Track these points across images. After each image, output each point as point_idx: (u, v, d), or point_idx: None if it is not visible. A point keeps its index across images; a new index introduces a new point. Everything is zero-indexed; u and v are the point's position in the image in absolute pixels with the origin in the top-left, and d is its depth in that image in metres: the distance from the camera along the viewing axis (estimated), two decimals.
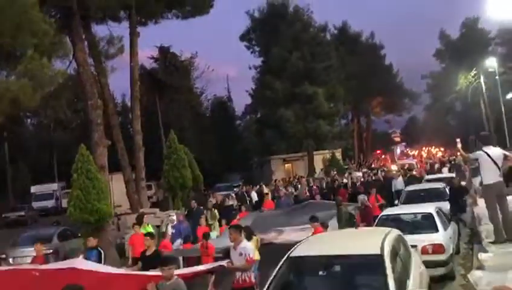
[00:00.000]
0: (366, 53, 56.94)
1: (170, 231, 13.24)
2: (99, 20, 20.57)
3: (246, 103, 50.11)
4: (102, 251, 9.52)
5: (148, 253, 8.19)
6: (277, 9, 43.10)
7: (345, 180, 23.06)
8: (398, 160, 40.29)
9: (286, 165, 42.94)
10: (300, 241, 6.76)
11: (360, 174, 27.25)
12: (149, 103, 38.06)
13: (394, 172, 22.01)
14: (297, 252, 5.95)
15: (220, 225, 14.79)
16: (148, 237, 8.45)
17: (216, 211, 16.17)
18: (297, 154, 42.33)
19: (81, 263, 6.95)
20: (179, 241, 12.53)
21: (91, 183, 13.76)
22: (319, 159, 41.35)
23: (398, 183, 18.89)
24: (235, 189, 29.25)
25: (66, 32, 16.97)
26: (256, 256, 8.46)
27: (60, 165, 39.49)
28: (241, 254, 6.79)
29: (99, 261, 8.86)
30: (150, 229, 12.23)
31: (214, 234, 12.98)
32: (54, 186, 37.90)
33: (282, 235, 10.56)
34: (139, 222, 12.26)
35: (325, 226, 9.41)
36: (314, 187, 22.13)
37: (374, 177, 22.91)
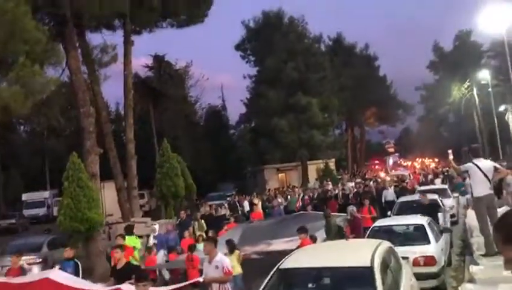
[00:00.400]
0: (360, 64, 57.26)
1: (152, 241, 12.82)
2: (93, 28, 20.54)
3: (240, 112, 50.24)
4: (79, 263, 9.31)
5: (118, 266, 7.75)
6: (272, 19, 43.36)
7: (336, 191, 22.66)
8: (390, 171, 39.85)
9: (280, 174, 42.93)
10: (290, 251, 6.73)
11: (352, 184, 27.02)
12: (142, 111, 38.00)
13: (387, 182, 21.82)
14: (286, 264, 5.89)
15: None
16: (118, 250, 7.97)
17: (203, 221, 15.89)
18: (291, 163, 42.36)
19: (55, 274, 6.85)
20: (162, 252, 12.15)
21: (82, 192, 13.67)
22: (312, 169, 41.38)
23: (389, 194, 18.74)
24: (228, 198, 29.16)
25: (59, 40, 16.91)
26: (238, 270, 8.31)
27: (52, 172, 39.23)
28: (217, 267, 6.70)
29: (76, 273, 8.62)
30: (137, 242, 11.59)
31: (201, 246, 12.64)
32: (46, 194, 37.58)
33: (271, 247, 10.39)
34: (128, 232, 11.72)
35: (313, 239, 9.17)
36: (306, 198, 21.98)
37: (365, 189, 22.24)
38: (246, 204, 22.24)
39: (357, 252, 6.03)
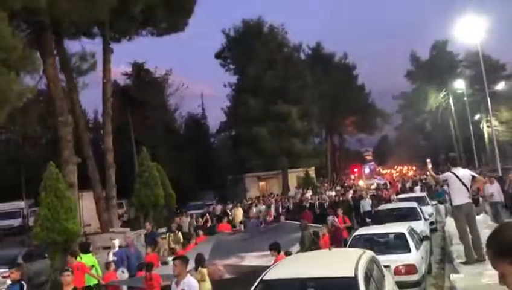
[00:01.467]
0: (339, 73, 57.92)
1: (111, 258, 11.71)
2: (71, 35, 20.26)
3: (220, 121, 50.16)
4: (24, 285, 8.99)
5: None
6: (252, 28, 43.55)
7: (311, 200, 22.00)
8: (366, 179, 39.50)
9: (260, 183, 42.92)
10: (263, 267, 6.60)
11: (333, 193, 27.02)
12: (121, 119, 37.50)
13: (363, 192, 21.73)
14: (270, 275, 5.84)
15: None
16: (69, 273, 7.43)
17: (180, 233, 15.08)
18: (271, 172, 42.40)
19: None
20: (120, 270, 11.15)
21: (59, 202, 13.38)
22: (293, 177, 41.50)
23: (366, 204, 18.73)
24: (208, 207, 28.92)
25: (36, 47, 16.62)
26: (207, 287, 7.99)
27: (28, 182, 38.32)
28: None
29: None
30: (94, 260, 10.72)
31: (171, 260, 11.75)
32: (21, 204, 36.65)
33: (243, 262, 9.91)
34: (84, 250, 10.86)
35: (287, 254, 8.58)
36: (282, 207, 21.93)
37: (341, 198, 21.88)
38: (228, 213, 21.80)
39: (341, 262, 6.02)
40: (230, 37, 44.98)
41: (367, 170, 48.90)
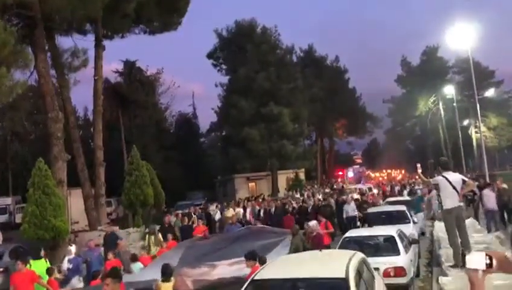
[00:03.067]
0: (330, 76, 58.11)
1: (66, 265, 10.84)
2: (63, 31, 20.11)
3: (211, 121, 50.09)
4: None
5: None
6: (245, 29, 43.53)
7: (294, 204, 20.63)
8: (349, 184, 37.86)
9: (250, 183, 42.90)
10: (236, 278, 6.50)
11: (320, 196, 26.35)
12: (112, 117, 37.30)
13: (348, 196, 19.92)
14: (261, 275, 5.85)
15: None
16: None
17: (160, 235, 13.85)
18: (261, 173, 42.41)
19: None
20: (75, 279, 10.51)
21: (48, 199, 13.29)
22: (282, 179, 41.56)
23: (350, 209, 17.35)
24: (197, 207, 28.80)
25: (28, 42, 16.48)
26: None
27: (15, 178, 37.93)
28: None
29: None
30: (45, 266, 10.07)
31: (137, 266, 10.75)
32: (8, 200, 36.24)
33: (215, 271, 9.13)
34: (35, 255, 10.19)
35: (261, 262, 7.88)
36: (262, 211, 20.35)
37: (324, 202, 20.00)
38: (218, 214, 20.83)
39: (332, 264, 6.04)
40: (223, 37, 44.93)
41: (350, 174, 47.18)
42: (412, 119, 63.67)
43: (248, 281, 5.79)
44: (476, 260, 2.16)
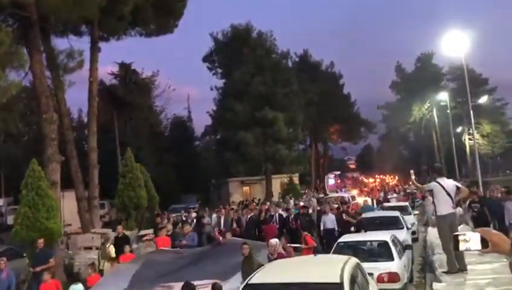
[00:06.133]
0: (325, 81, 58.30)
1: None
2: (59, 32, 20.03)
3: (206, 124, 50.05)
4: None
5: None
6: (240, 33, 43.62)
7: (273, 212, 17.86)
8: (329, 192, 34.44)
9: (244, 187, 42.87)
10: None
11: (314, 201, 25.61)
12: (106, 119, 37.19)
13: (326, 206, 17.09)
14: (255, 279, 5.84)
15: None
16: None
17: (111, 246, 12.18)
18: (255, 177, 42.41)
19: None
20: None
21: (41, 200, 13.19)
22: (276, 183, 41.54)
23: (329, 221, 15.16)
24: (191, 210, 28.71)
25: (23, 43, 16.39)
26: None
27: (8, 179, 37.67)
28: None
29: None
30: None
31: (78, 288, 9.64)
32: (0, 201, 36.03)
33: None
34: None
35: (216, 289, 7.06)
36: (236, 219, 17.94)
37: (301, 211, 17.14)
38: (208, 219, 18.90)
39: (327, 268, 6.04)
40: (219, 41, 44.99)
41: (331, 181, 41.09)
42: (406, 125, 63.92)
43: (243, 285, 5.78)
44: (472, 241, 2.18)
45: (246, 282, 5.84)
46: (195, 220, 18.48)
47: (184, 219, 19.22)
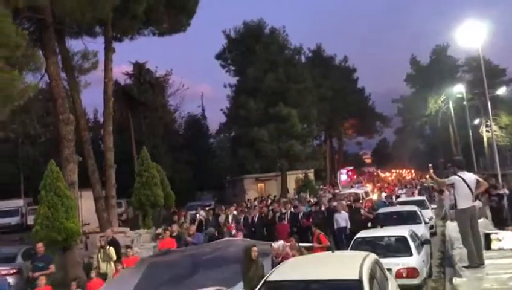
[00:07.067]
0: (339, 76, 58.00)
1: None
2: (73, 34, 20.23)
3: (220, 122, 50.16)
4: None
5: None
6: (253, 30, 43.55)
7: (284, 210, 17.23)
8: (342, 188, 33.52)
9: (259, 184, 42.91)
10: None
11: (330, 196, 24.46)
12: (122, 119, 37.49)
13: (338, 203, 16.30)
14: (274, 276, 5.84)
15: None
16: None
17: (111, 248, 12.07)
18: (270, 173, 42.41)
19: None
20: None
21: (59, 201, 13.35)
22: (292, 179, 41.50)
23: (341, 218, 14.74)
24: (206, 208, 28.85)
25: (39, 46, 16.61)
26: None
27: (27, 180, 38.27)
28: None
29: None
30: None
31: None
32: (19, 202, 36.59)
33: None
34: None
35: None
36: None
37: (315, 208, 16.76)
38: (222, 217, 18.25)
39: (345, 265, 6.02)
40: (231, 38, 44.98)
41: (343, 177, 38.66)
42: (421, 118, 63.26)
43: (261, 283, 5.78)
44: (505, 239, 2.14)
45: (264, 279, 5.84)
46: (210, 218, 18.40)
47: (200, 216, 19.13)
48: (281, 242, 8.94)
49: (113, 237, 13.73)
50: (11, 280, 12.46)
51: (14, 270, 13.15)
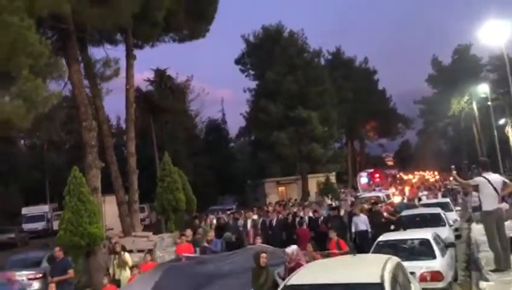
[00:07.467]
0: (359, 78, 57.57)
1: None
2: (95, 42, 20.61)
3: (240, 126, 50.34)
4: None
5: None
6: (271, 33, 43.65)
7: (302, 214, 16.90)
8: (362, 191, 32.29)
9: (280, 188, 42.82)
10: None
11: (352, 199, 24.49)
12: (143, 124, 37.98)
13: (357, 207, 16.01)
14: (294, 280, 5.80)
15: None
16: None
17: (127, 254, 11.90)
18: (291, 177, 42.29)
19: None
20: None
21: (83, 206, 13.55)
22: (313, 183, 41.29)
23: (361, 222, 14.34)
24: (227, 212, 28.91)
25: (61, 54, 16.96)
26: None
27: (52, 186, 39.09)
28: None
29: None
30: None
31: None
32: (45, 208, 37.39)
33: None
34: None
35: None
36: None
37: (333, 212, 16.27)
38: (249, 222, 17.47)
39: (366, 268, 5.93)
40: (250, 42, 45.16)
41: (363, 180, 37.71)
42: (444, 119, 62.25)
43: (281, 287, 5.75)
44: None
45: (284, 283, 5.81)
46: (231, 222, 18.38)
47: (222, 221, 19.06)
48: (294, 247, 8.63)
49: (116, 242, 13.59)
50: (36, 284, 12.68)
51: (40, 275, 13.37)
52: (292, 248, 8.49)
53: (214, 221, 19.64)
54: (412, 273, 7.61)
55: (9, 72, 12.07)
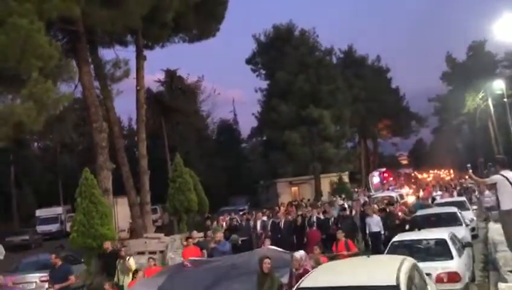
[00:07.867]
0: (372, 76, 57.06)
1: None
2: (105, 43, 20.67)
3: (252, 126, 50.24)
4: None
5: None
6: (282, 33, 43.49)
7: (310, 215, 16.23)
8: (374, 191, 31.52)
9: (292, 188, 42.58)
10: None
11: (365, 199, 23.79)
12: (155, 126, 38.07)
13: (370, 207, 15.48)
14: (306, 282, 5.63)
15: None
16: None
17: (131, 259, 11.38)
18: (303, 177, 42.02)
19: None
20: None
21: (95, 208, 13.56)
22: (326, 182, 40.97)
23: (374, 223, 14.05)
24: (240, 213, 28.78)
25: (72, 56, 17.03)
26: None
27: (65, 188, 39.37)
28: None
29: None
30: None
31: None
32: (59, 210, 37.64)
33: None
34: None
35: None
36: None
37: (344, 213, 16.14)
38: (258, 223, 16.82)
39: (382, 270, 5.74)
40: (261, 42, 45.04)
41: (375, 180, 36.71)
42: (459, 117, 61.42)
43: (294, 289, 5.59)
44: None
45: (296, 286, 5.65)
46: (243, 223, 18.14)
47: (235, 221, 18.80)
48: (302, 252, 8.13)
49: (114, 249, 12.99)
50: None
51: None
52: (300, 253, 8.09)
53: (227, 221, 19.42)
54: (428, 274, 7.40)
55: (19, 75, 12.12)
